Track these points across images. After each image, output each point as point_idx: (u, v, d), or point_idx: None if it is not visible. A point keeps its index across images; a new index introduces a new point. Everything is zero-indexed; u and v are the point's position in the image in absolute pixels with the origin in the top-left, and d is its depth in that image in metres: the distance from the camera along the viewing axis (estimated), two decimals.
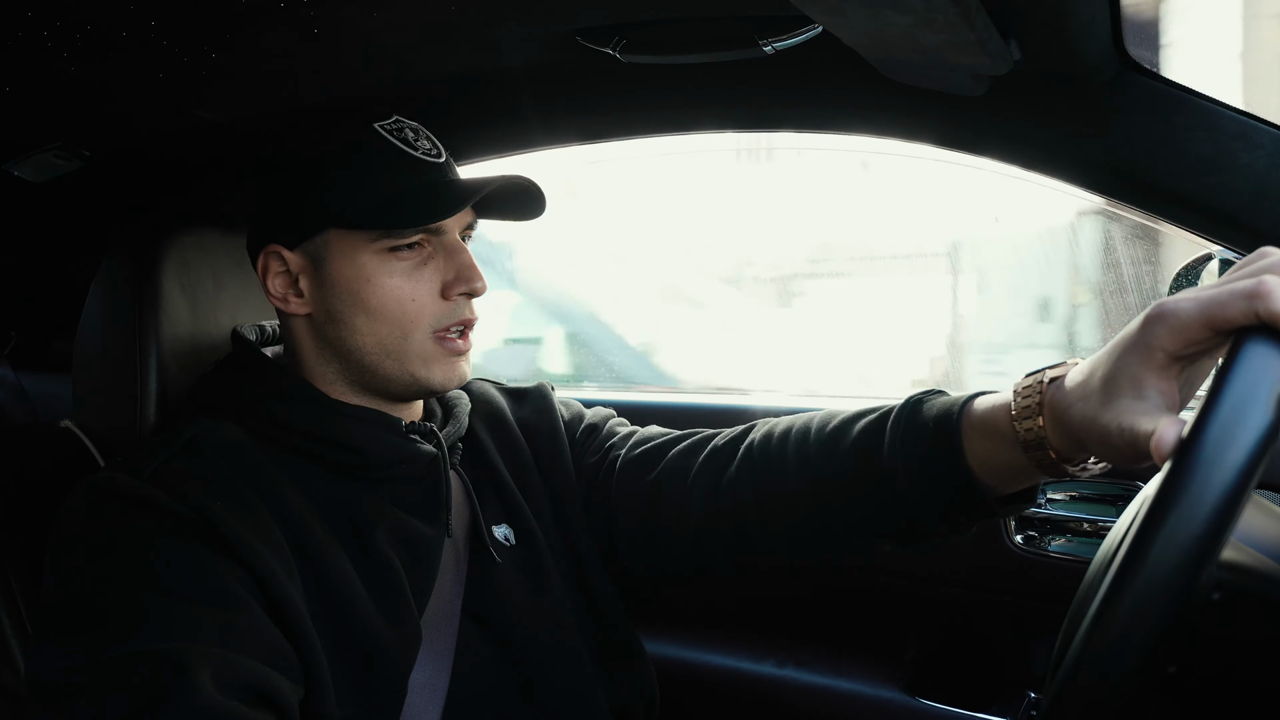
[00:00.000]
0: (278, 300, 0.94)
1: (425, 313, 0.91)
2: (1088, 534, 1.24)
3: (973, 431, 0.77)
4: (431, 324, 0.91)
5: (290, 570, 0.81)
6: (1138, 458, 0.60)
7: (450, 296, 0.92)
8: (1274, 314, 0.52)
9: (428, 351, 0.92)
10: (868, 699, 1.33)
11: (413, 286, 0.90)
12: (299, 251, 0.92)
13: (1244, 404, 0.48)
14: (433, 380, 0.93)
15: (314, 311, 0.93)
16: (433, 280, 0.92)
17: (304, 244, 0.92)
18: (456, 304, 0.92)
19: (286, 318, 0.96)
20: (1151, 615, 0.46)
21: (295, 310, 0.93)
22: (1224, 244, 0.99)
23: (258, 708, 0.72)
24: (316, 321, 0.93)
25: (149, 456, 0.83)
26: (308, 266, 0.92)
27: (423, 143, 0.94)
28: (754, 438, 0.97)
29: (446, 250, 0.93)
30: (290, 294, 0.93)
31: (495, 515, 1.01)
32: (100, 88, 0.98)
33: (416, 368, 0.92)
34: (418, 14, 0.89)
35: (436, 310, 0.92)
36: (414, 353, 0.91)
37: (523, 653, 0.94)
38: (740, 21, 0.95)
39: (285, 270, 0.93)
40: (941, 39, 0.81)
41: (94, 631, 0.72)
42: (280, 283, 0.93)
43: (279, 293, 0.93)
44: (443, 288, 0.92)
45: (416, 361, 0.92)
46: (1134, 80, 0.98)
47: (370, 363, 0.92)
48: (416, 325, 0.91)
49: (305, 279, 0.93)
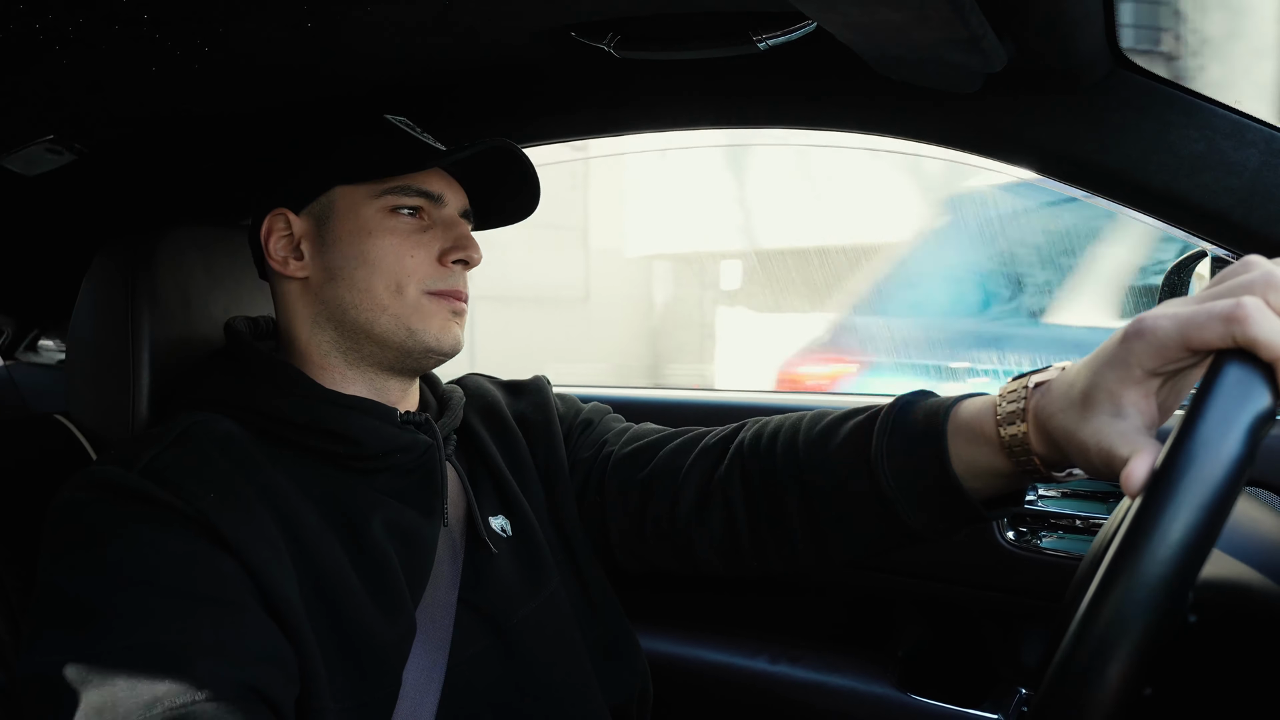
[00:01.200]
0: (277, 263, 0.96)
1: (421, 269, 0.94)
2: (1079, 530, 1.25)
3: (958, 435, 0.78)
4: (426, 282, 0.94)
5: (284, 563, 0.81)
6: (1114, 479, 0.60)
7: (446, 263, 0.95)
8: (1250, 339, 0.51)
9: (423, 306, 0.94)
10: (859, 694, 1.33)
11: (411, 245, 0.94)
12: (304, 215, 0.96)
13: (1216, 437, 0.47)
14: (428, 334, 0.94)
15: (311, 274, 0.95)
16: (430, 245, 0.95)
17: (310, 205, 0.95)
18: (451, 271, 0.95)
19: (283, 284, 0.98)
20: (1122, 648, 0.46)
21: (293, 273, 0.96)
22: (1216, 242, 1.00)
23: (252, 701, 0.72)
24: (313, 285, 0.95)
25: (142, 449, 0.83)
26: (311, 229, 0.95)
27: (426, 135, 0.98)
28: (744, 436, 0.97)
29: (445, 222, 0.97)
30: (290, 257, 0.96)
31: (492, 507, 1.02)
32: (93, 81, 0.98)
33: (413, 321, 0.93)
34: (411, 9, 0.89)
35: (431, 271, 0.94)
36: (409, 306, 0.93)
37: (519, 644, 0.94)
38: (734, 18, 0.95)
39: (288, 233, 0.96)
40: (935, 35, 0.81)
41: (87, 626, 0.72)
42: (282, 245, 0.96)
43: (279, 255, 0.96)
44: (440, 254, 0.95)
45: (413, 315, 0.93)
46: (1126, 78, 0.98)
47: (365, 320, 0.93)
48: (411, 279, 0.93)
49: (307, 242, 0.95)
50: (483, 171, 1.02)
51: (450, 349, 0.96)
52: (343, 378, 0.96)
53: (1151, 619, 0.46)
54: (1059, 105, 1.00)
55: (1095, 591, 0.47)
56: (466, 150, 0.94)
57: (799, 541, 0.91)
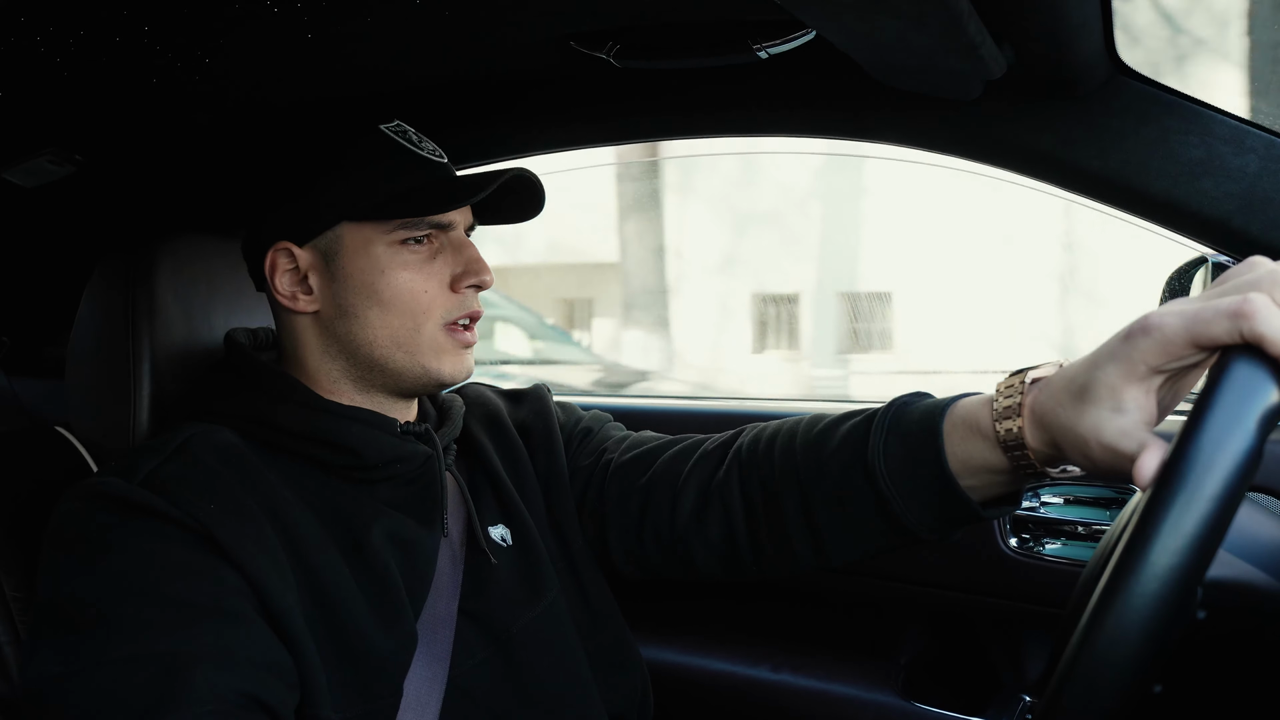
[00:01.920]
0: (285, 299, 0.94)
1: (436, 304, 0.93)
2: (1082, 537, 1.24)
3: (955, 432, 0.78)
4: (442, 315, 0.93)
5: (284, 573, 0.81)
6: (1119, 477, 0.60)
7: (459, 289, 0.94)
8: (1258, 335, 0.52)
9: (439, 343, 0.93)
10: (863, 702, 1.33)
11: (424, 279, 0.92)
12: (309, 248, 0.93)
13: (1226, 431, 0.47)
14: (443, 372, 0.94)
15: (323, 308, 0.93)
16: (442, 273, 0.94)
17: (314, 240, 0.93)
18: (465, 296, 0.94)
19: (290, 317, 0.96)
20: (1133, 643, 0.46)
21: (303, 308, 0.94)
22: (1216, 248, 1.00)
23: (252, 712, 0.71)
24: (324, 318, 0.94)
25: (142, 461, 0.83)
26: (318, 263, 0.93)
27: (426, 144, 0.97)
28: (742, 441, 0.97)
29: (454, 245, 0.95)
30: (299, 291, 0.94)
31: (492, 516, 1.01)
32: (93, 92, 0.98)
33: (428, 359, 0.93)
34: (411, 18, 0.89)
35: (447, 302, 0.93)
36: (425, 344, 0.92)
37: (519, 653, 0.94)
38: (733, 26, 0.95)
39: (294, 268, 0.94)
40: (934, 42, 0.82)
41: (87, 637, 0.72)
42: (288, 280, 0.94)
43: (286, 291, 0.94)
44: (452, 280, 0.94)
45: (428, 353, 0.93)
46: (1125, 84, 0.99)
47: (380, 356, 0.92)
48: (429, 316, 0.92)
49: (315, 275, 0.93)
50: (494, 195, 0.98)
51: (463, 379, 0.96)
52: (350, 400, 0.95)
53: (1163, 611, 0.45)
54: (1058, 112, 1.00)
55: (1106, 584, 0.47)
56: (488, 190, 0.92)
57: (798, 545, 0.91)
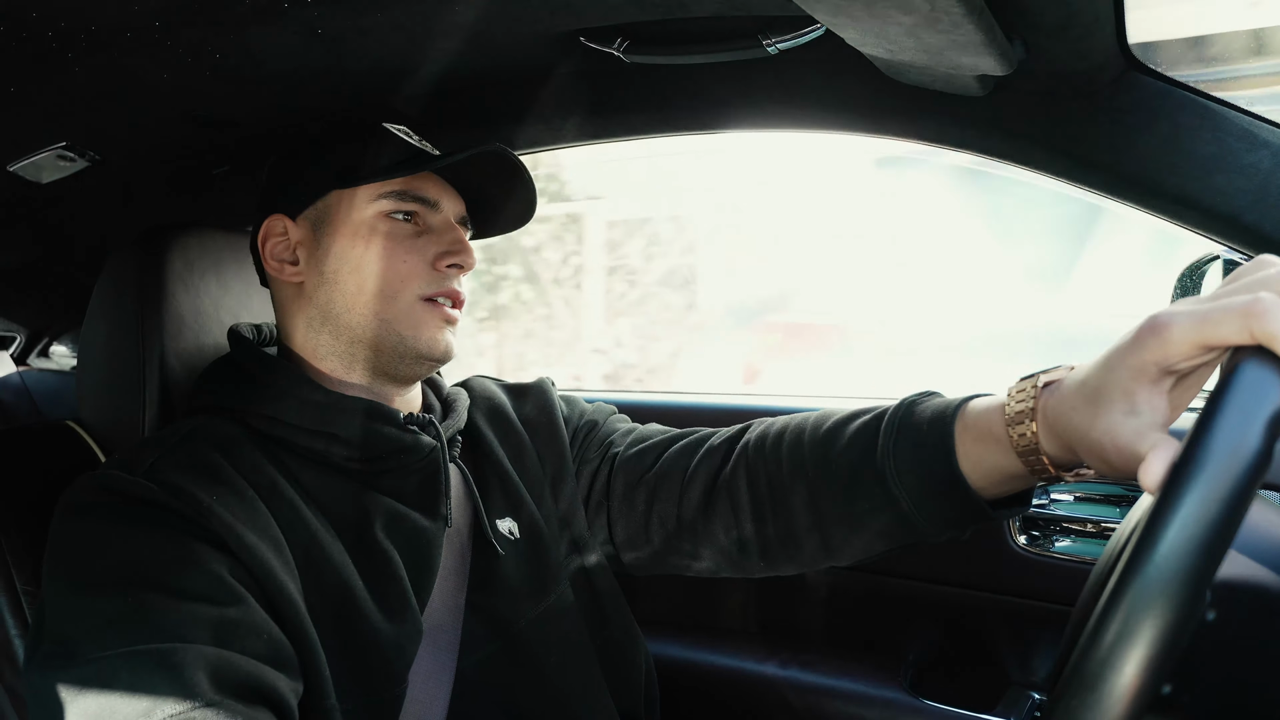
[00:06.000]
0: (273, 268, 0.97)
1: (414, 275, 0.94)
2: (1091, 535, 1.24)
3: (966, 434, 0.77)
4: (420, 288, 0.94)
5: (288, 565, 0.81)
6: (1129, 477, 0.59)
7: (440, 267, 0.95)
8: (1268, 334, 0.51)
9: (416, 314, 0.94)
10: (870, 699, 1.33)
11: (405, 250, 0.94)
12: (301, 220, 0.96)
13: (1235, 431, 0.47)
14: (419, 342, 0.94)
15: (306, 279, 0.96)
16: (425, 249, 0.95)
17: (306, 210, 0.96)
18: (445, 275, 0.95)
19: (280, 289, 0.99)
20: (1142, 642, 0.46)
21: (289, 278, 0.96)
22: (1228, 244, 0.99)
23: (255, 704, 0.71)
24: (308, 289, 0.96)
25: (145, 453, 0.83)
26: (307, 235, 0.96)
27: (425, 142, 0.98)
28: (749, 437, 0.97)
29: (440, 228, 0.97)
30: (286, 262, 0.97)
31: (499, 509, 1.01)
32: (104, 88, 0.98)
33: (404, 328, 0.93)
34: (421, 15, 0.89)
35: (425, 275, 0.94)
36: (402, 313, 0.93)
37: (527, 647, 0.94)
38: (744, 21, 0.95)
39: (285, 239, 0.97)
40: (945, 39, 0.81)
41: (88, 630, 0.72)
42: (278, 249, 0.97)
43: (275, 260, 0.97)
44: (434, 258, 0.95)
45: (404, 322, 0.93)
46: (1138, 80, 0.98)
47: (358, 324, 0.93)
48: (405, 286, 0.93)
49: (303, 248, 0.96)
50: (482, 179, 1.02)
51: (441, 356, 0.96)
52: (341, 383, 0.96)
53: (1171, 612, 0.45)
54: (1070, 108, 1.00)
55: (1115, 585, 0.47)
56: (460, 155, 0.95)
57: (805, 542, 0.91)
